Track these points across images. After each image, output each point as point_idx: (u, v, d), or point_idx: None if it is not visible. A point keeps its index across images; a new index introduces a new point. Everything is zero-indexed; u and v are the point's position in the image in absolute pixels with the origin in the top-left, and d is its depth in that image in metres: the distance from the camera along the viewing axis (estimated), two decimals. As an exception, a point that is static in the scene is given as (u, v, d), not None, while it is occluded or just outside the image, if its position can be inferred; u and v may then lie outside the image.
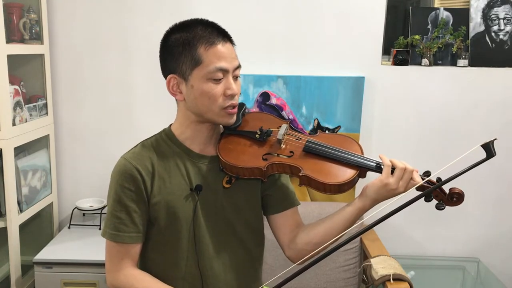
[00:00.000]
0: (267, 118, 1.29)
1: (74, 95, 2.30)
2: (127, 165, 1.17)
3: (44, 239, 2.20)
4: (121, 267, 1.18)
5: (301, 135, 1.23)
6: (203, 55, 1.12)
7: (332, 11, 2.21)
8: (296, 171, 1.16)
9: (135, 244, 1.19)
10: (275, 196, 1.30)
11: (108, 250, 1.21)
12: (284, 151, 1.19)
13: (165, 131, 1.26)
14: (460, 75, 2.25)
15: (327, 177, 1.14)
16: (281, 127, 1.22)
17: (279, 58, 2.25)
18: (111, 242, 1.19)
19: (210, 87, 1.13)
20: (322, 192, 1.15)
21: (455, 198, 1.13)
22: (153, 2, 2.21)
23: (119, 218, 1.17)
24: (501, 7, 2.23)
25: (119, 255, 1.19)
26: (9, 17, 2.00)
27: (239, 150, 1.19)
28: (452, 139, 2.28)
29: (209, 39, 1.13)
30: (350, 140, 1.25)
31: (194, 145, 1.23)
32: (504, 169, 2.31)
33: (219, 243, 1.22)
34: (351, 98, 2.21)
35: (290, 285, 2.24)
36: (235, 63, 1.15)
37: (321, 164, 1.17)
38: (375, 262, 1.87)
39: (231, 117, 1.19)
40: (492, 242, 2.39)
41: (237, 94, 1.16)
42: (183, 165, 1.20)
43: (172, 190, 1.18)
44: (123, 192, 1.17)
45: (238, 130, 1.23)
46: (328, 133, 1.25)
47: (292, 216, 1.31)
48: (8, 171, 1.91)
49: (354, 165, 1.17)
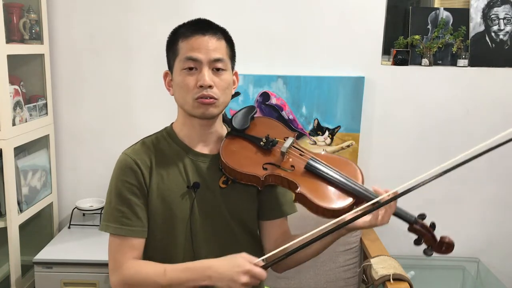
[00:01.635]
0: (275, 126, 1.27)
1: (74, 95, 2.30)
2: (127, 159, 1.19)
3: (44, 239, 2.20)
4: (125, 261, 1.16)
5: (306, 150, 1.21)
6: (180, 47, 1.17)
7: (332, 11, 2.21)
8: (293, 187, 1.14)
9: (139, 238, 1.18)
10: (267, 203, 1.30)
11: (111, 247, 1.19)
12: (285, 164, 1.17)
13: (166, 129, 1.27)
14: (460, 75, 2.25)
15: (323, 200, 1.12)
16: (287, 140, 1.20)
17: (279, 58, 2.25)
18: (114, 237, 1.17)
19: (183, 78, 1.16)
20: (314, 213, 1.13)
21: (445, 247, 1.14)
22: (153, 2, 2.21)
23: (121, 212, 1.16)
24: (501, 7, 2.23)
25: (123, 250, 1.17)
26: (9, 17, 2.00)
27: (241, 154, 1.18)
28: (452, 139, 2.28)
29: (187, 33, 1.16)
30: (353, 167, 1.22)
31: (193, 143, 1.23)
32: (504, 169, 2.31)
33: (215, 241, 1.22)
34: (351, 98, 2.21)
35: (290, 285, 2.25)
36: (212, 54, 1.15)
37: (319, 185, 1.15)
38: (375, 262, 1.87)
39: (206, 108, 1.16)
40: (492, 242, 2.39)
41: (208, 85, 1.13)
42: (182, 162, 1.21)
43: (170, 187, 1.19)
44: (124, 186, 1.17)
45: (244, 133, 1.22)
46: (332, 155, 1.23)
47: (280, 226, 1.31)
48: (8, 171, 1.91)
49: (353, 193, 1.14)
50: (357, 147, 2.26)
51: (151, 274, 1.13)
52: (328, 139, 2.25)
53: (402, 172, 2.33)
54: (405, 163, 2.32)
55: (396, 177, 2.35)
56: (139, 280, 1.14)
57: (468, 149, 1.00)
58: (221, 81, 1.17)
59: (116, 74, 2.27)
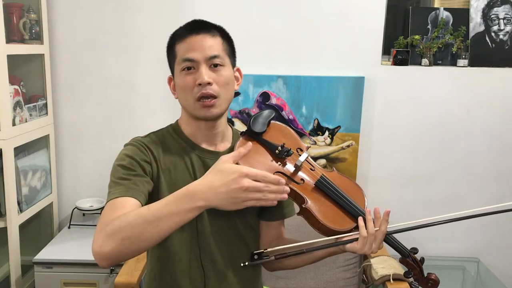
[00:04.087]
0: (290, 135, 1.26)
1: (74, 95, 2.30)
2: (138, 142, 1.19)
3: (44, 239, 2.20)
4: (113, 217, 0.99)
5: (316, 166, 1.22)
6: (177, 50, 1.17)
7: (332, 11, 2.21)
8: (300, 201, 1.15)
9: (141, 203, 1.08)
10: (269, 206, 1.29)
11: (105, 212, 1.04)
12: (296, 176, 1.18)
13: (172, 125, 1.27)
14: (460, 75, 2.25)
15: (327, 218, 1.14)
16: (303, 155, 1.20)
17: (279, 58, 2.25)
18: (114, 201, 1.05)
19: (182, 79, 1.16)
20: (316, 229, 1.16)
21: (430, 283, 1.18)
22: (153, 2, 2.21)
23: (128, 179, 1.10)
24: (501, 7, 2.23)
25: (116, 209, 1.02)
26: (9, 17, 2.00)
27: (254, 158, 1.17)
28: (452, 139, 2.28)
29: (182, 34, 1.17)
30: (360, 191, 1.23)
31: (199, 140, 1.23)
32: (504, 169, 2.31)
33: (221, 238, 1.22)
34: (351, 98, 2.21)
35: (290, 285, 2.25)
36: (208, 52, 1.14)
37: (326, 204, 1.16)
38: (375, 262, 1.87)
39: (207, 110, 1.15)
40: (492, 242, 2.39)
41: (206, 82, 1.13)
42: (189, 158, 1.21)
43: (177, 182, 1.18)
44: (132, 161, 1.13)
45: (261, 138, 1.21)
46: (341, 175, 1.23)
47: (276, 228, 1.32)
48: (8, 171, 1.91)
49: (355, 217, 1.16)
50: (357, 147, 2.26)
51: (135, 213, 0.97)
52: (328, 139, 2.25)
53: (402, 172, 2.33)
54: (405, 163, 2.32)
55: (396, 177, 2.36)
56: (122, 225, 0.95)
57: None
58: (220, 77, 1.16)
59: (116, 74, 2.27)
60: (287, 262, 1.24)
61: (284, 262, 1.23)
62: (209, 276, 1.21)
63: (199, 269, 1.20)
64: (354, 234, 1.13)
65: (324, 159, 2.27)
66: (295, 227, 1.95)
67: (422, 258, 1.20)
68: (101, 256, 0.97)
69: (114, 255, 0.96)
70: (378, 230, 1.12)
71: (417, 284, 1.20)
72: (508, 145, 2.29)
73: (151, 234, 0.95)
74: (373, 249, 1.12)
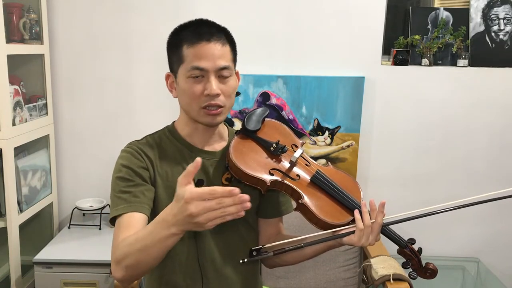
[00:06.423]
0: (284, 132, 1.27)
1: (74, 95, 2.30)
2: (133, 147, 1.20)
3: (44, 239, 2.20)
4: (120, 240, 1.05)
5: (311, 161, 1.23)
6: (185, 54, 1.14)
7: (332, 11, 2.21)
8: (296, 196, 1.16)
9: (145, 215, 1.12)
10: (267, 203, 1.30)
11: (115, 233, 1.09)
12: (291, 172, 1.18)
13: (168, 127, 1.28)
14: (460, 75, 2.25)
15: (324, 213, 1.14)
16: (297, 151, 1.21)
17: (279, 58, 2.25)
18: (120, 219, 1.10)
19: (189, 85, 1.15)
20: (313, 224, 1.16)
21: (429, 272, 1.20)
22: (153, 2, 2.21)
23: (128, 192, 1.13)
24: (501, 7, 2.23)
25: (123, 229, 1.08)
26: (9, 17, 2.00)
27: (250, 155, 1.18)
28: (452, 139, 2.28)
29: (193, 38, 1.14)
30: (355, 184, 1.24)
31: (195, 142, 1.23)
32: (504, 168, 2.31)
33: (219, 237, 1.22)
34: (351, 98, 2.21)
35: (290, 285, 2.25)
36: (218, 63, 1.13)
37: (322, 198, 1.17)
38: (375, 262, 1.87)
39: (213, 118, 1.16)
40: (492, 242, 2.39)
41: (215, 94, 1.13)
42: (185, 160, 1.21)
43: (173, 185, 1.18)
44: (128, 170, 1.16)
45: (256, 135, 1.21)
46: (337, 170, 1.24)
47: (275, 225, 1.32)
48: (8, 171, 1.91)
49: (352, 210, 1.16)
50: (357, 147, 2.26)
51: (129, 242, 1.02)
52: (328, 139, 2.25)
53: (402, 172, 2.33)
54: (405, 163, 2.32)
55: (396, 177, 2.36)
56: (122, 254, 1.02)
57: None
58: (227, 88, 1.17)
59: (116, 74, 2.27)
60: (286, 258, 1.24)
61: (283, 257, 1.23)
62: (207, 275, 1.21)
63: (197, 268, 1.20)
64: (351, 227, 1.13)
65: (324, 159, 2.27)
66: (295, 227, 1.96)
67: (420, 248, 1.20)
68: (117, 279, 1.06)
69: (126, 279, 1.05)
70: (374, 222, 1.11)
71: (416, 274, 1.20)
72: (508, 145, 2.29)
73: (147, 260, 1.00)
74: (370, 241, 1.12)
